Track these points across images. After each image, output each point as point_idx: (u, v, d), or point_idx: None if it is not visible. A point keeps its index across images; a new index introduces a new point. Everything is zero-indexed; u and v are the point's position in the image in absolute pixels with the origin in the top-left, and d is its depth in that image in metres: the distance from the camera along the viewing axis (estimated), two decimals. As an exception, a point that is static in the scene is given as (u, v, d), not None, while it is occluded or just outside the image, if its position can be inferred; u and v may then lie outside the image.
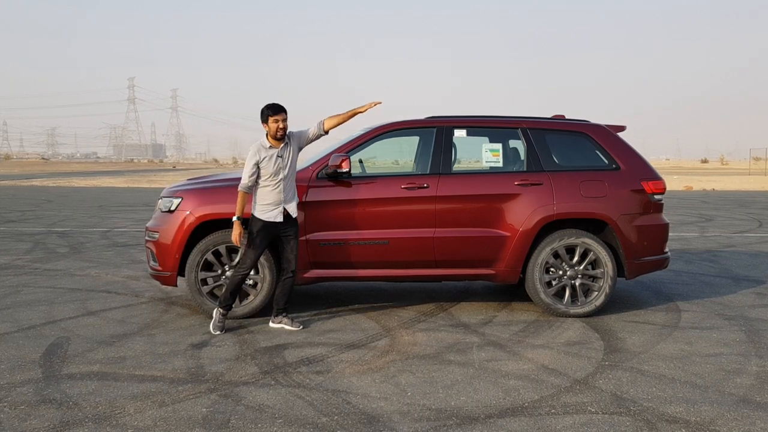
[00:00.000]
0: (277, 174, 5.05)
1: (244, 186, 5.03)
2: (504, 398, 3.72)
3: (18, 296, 6.32)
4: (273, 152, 5.05)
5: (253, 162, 5.01)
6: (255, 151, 5.03)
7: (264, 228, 5.06)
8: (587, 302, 5.59)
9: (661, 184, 5.82)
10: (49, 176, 43.05)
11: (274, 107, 5.08)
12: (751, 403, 3.66)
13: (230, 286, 5.13)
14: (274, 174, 5.03)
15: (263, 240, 5.09)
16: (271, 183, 5.04)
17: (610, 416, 3.47)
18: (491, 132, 6.04)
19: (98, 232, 11.83)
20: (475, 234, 5.55)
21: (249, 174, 5.01)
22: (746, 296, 6.50)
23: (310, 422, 3.37)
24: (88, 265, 8.11)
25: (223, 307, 5.11)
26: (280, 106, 5.09)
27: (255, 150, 5.04)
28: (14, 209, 16.71)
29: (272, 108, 5.07)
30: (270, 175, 5.03)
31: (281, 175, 5.07)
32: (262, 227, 5.06)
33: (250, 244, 5.08)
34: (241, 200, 5.02)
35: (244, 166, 5.11)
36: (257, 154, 5.02)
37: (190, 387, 3.86)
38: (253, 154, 5.03)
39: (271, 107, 5.08)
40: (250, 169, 5.01)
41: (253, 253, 5.08)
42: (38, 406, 3.56)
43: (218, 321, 5.07)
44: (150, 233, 5.65)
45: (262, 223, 5.05)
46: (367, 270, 5.57)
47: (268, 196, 5.06)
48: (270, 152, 5.04)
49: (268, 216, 5.05)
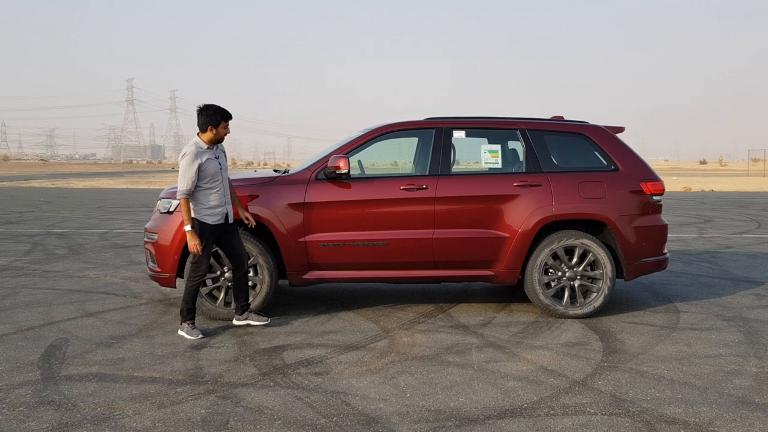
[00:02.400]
0: (218, 174, 4.93)
1: (187, 191, 4.81)
2: (503, 399, 3.72)
3: (17, 297, 6.32)
4: (211, 154, 4.92)
5: (195, 166, 4.79)
6: (194, 154, 4.81)
7: (212, 232, 4.94)
8: (586, 303, 5.59)
9: (659, 185, 5.83)
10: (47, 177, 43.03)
11: (228, 113, 4.95)
12: (750, 404, 3.66)
13: (187, 296, 4.97)
14: (215, 173, 4.90)
15: (210, 243, 4.97)
16: (213, 185, 4.90)
17: (609, 417, 3.47)
18: (490, 133, 6.04)
19: (97, 233, 11.83)
20: (474, 235, 5.55)
21: (192, 179, 4.79)
22: (745, 297, 6.50)
23: (309, 423, 3.36)
24: (86, 267, 8.10)
25: (188, 319, 4.96)
26: (230, 112, 4.99)
27: (194, 153, 4.81)
28: (13, 210, 16.69)
29: (227, 114, 4.94)
30: (211, 178, 4.88)
31: (221, 175, 4.96)
32: (211, 232, 4.93)
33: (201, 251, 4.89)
34: (185, 208, 4.82)
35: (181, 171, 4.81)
36: (198, 156, 4.83)
37: (189, 388, 3.86)
38: (194, 158, 4.80)
39: (227, 113, 4.94)
40: (193, 174, 4.78)
41: (206, 259, 4.95)
42: (37, 407, 3.55)
43: (190, 329, 4.93)
44: (149, 234, 5.65)
45: (210, 227, 4.92)
46: (366, 271, 5.57)
47: (212, 198, 4.90)
48: (209, 153, 4.90)
49: (215, 219, 4.93)
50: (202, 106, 4.96)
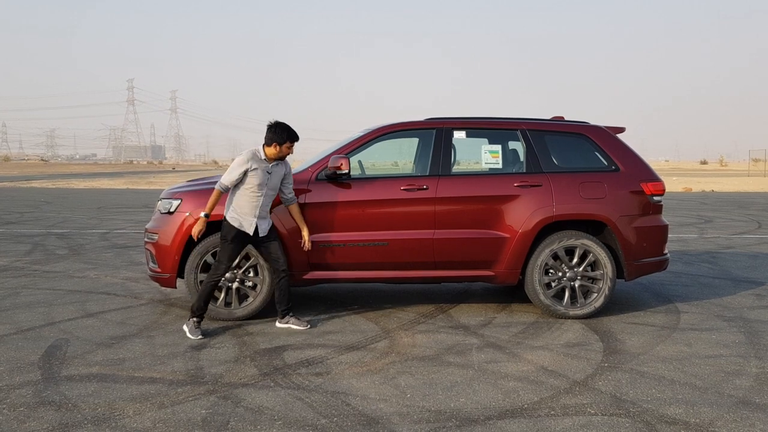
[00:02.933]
0: (261, 188, 5.00)
1: (224, 187, 4.99)
2: (503, 400, 3.72)
3: (17, 298, 6.32)
4: (264, 166, 5.01)
5: (243, 169, 4.93)
6: (248, 158, 4.96)
7: (238, 236, 5.00)
8: (587, 304, 5.59)
9: (660, 186, 5.83)
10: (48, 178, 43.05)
11: (295, 134, 5.06)
12: (751, 405, 3.66)
13: (203, 293, 5.02)
14: (258, 186, 4.98)
15: (237, 246, 5.03)
16: (252, 195, 4.98)
17: (610, 418, 3.47)
18: (490, 133, 6.05)
19: (97, 233, 11.83)
20: (475, 235, 5.55)
21: (234, 178, 4.95)
22: (745, 297, 6.50)
23: (310, 424, 3.36)
24: (87, 267, 8.10)
25: (197, 316, 5.00)
26: (297, 134, 5.09)
27: (249, 156, 4.97)
28: (13, 211, 16.70)
29: (294, 135, 5.05)
30: (253, 187, 4.97)
31: (263, 191, 5.02)
32: (236, 235, 5.00)
33: (224, 250, 5.00)
34: (215, 197, 4.97)
35: (230, 167, 5.00)
36: (250, 161, 4.95)
37: (190, 389, 3.86)
38: (246, 161, 4.95)
39: (294, 134, 5.05)
40: (238, 175, 4.94)
41: (227, 259, 5.01)
42: (37, 407, 3.55)
43: (194, 328, 4.95)
44: (149, 235, 5.65)
45: (235, 230, 4.99)
46: (367, 271, 5.57)
47: (245, 206, 4.99)
48: (263, 165, 5.00)
49: (240, 224, 4.99)
50: (274, 123, 5.07)
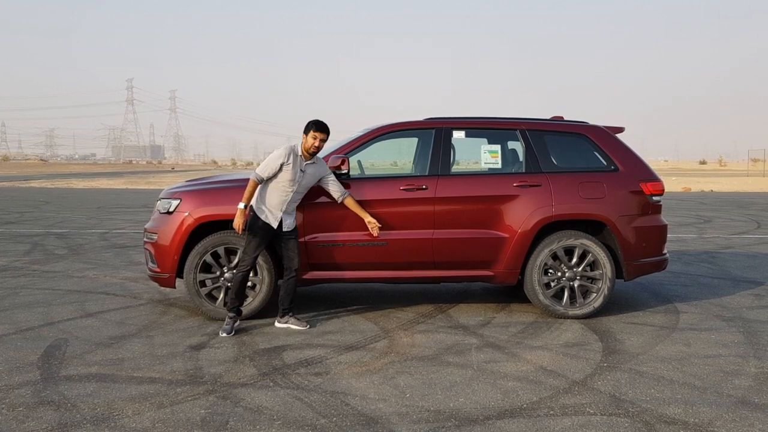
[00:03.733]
0: (292, 184, 5.05)
1: (259, 178, 5.03)
2: (502, 400, 3.72)
3: (16, 298, 6.32)
4: (299, 162, 5.07)
5: (280, 161, 5.00)
6: (287, 152, 5.02)
7: (263, 227, 5.07)
8: (586, 304, 5.59)
9: (659, 186, 5.83)
10: (47, 177, 43.03)
11: (320, 124, 5.10)
12: (750, 405, 3.67)
13: (233, 287, 5.12)
14: (290, 182, 5.04)
15: (263, 238, 5.09)
16: (282, 189, 5.05)
17: (609, 417, 3.47)
18: (490, 133, 6.05)
19: (97, 233, 11.83)
20: (474, 235, 5.55)
21: (271, 170, 5.01)
22: (744, 297, 6.50)
23: (309, 424, 3.36)
24: (86, 267, 8.10)
25: (232, 309, 5.10)
26: (327, 127, 5.12)
27: (288, 151, 5.03)
28: (13, 210, 16.69)
29: (318, 125, 5.08)
30: (284, 182, 5.03)
31: (294, 187, 5.08)
32: (262, 226, 5.06)
33: (249, 242, 5.08)
34: (251, 189, 5.02)
35: (267, 158, 5.06)
36: (288, 155, 5.01)
37: (189, 389, 3.86)
38: (284, 154, 5.01)
39: (318, 123, 5.10)
40: (275, 167, 5.00)
41: (252, 251, 5.07)
42: (36, 407, 3.55)
43: (226, 324, 5.06)
44: (149, 235, 5.65)
45: (261, 222, 5.06)
46: (366, 271, 5.57)
47: (274, 199, 5.06)
48: (298, 161, 5.06)
49: (265, 216, 5.06)
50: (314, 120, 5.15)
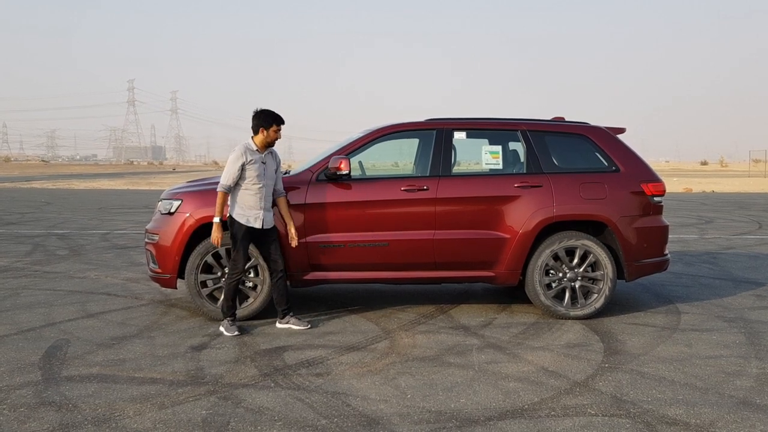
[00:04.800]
0: (260, 179, 5.04)
1: (226, 187, 5.01)
2: (504, 400, 3.72)
3: (17, 298, 6.32)
4: (258, 157, 5.06)
5: (239, 163, 4.98)
6: (241, 153, 5.00)
7: (248, 231, 5.06)
8: (587, 304, 5.59)
9: (660, 186, 5.83)
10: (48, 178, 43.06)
11: (280, 117, 5.10)
12: (751, 405, 3.66)
13: (227, 293, 5.12)
14: (257, 178, 5.02)
15: (248, 242, 5.10)
16: (253, 188, 5.03)
17: (610, 418, 3.47)
18: (491, 134, 6.05)
19: (98, 234, 11.83)
20: (475, 236, 5.55)
21: (234, 175, 4.99)
22: (746, 298, 6.50)
23: (310, 424, 3.36)
24: (87, 268, 8.10)
25: (228, 316, 5.11)
26: (282, 117, 5.13)
27: (241, 151, 5.01)
28: (14, 211, 16.70)
29: (279, 118, 5.09)
30: (252, 179, 5.02)
31: (263, 182, 5.06)
32: (246, 231, 5.05)
33: (237, 248, 5.06)
34: (221, 201, 5.00)
35: (226, 165, 5.03)
36: (243, 155, 5.00)
37: (190, 389, 3.86)
38: (239, 156, 4.99)
39: (279, 117, 5.10)
40: (236, 171, 4.98)
41: (242, 258, 5.07)
42: (38, 408, 3.55)
43: (229, 326, 5.07)
44: (150, 235, 5.66)
45: (244, 227, 5.04)
46: (367, 272, 5.57)
47: (249, 200, 5.04)
48: (256, 156, 5.05)
49: (248, 221, 5.04)
50: (258, 110, 5.11)
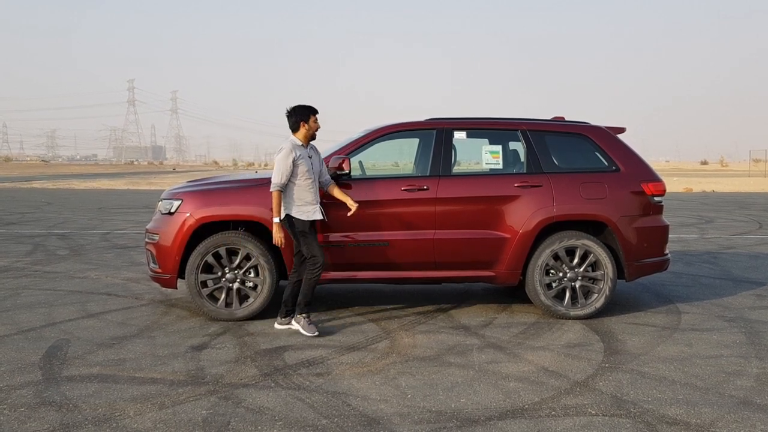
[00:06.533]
0: (311, 173, 5.05)
1: (281, 185, 4.96)
2: (504, 400, 3.72)
3: (18, 298, 6.32)
4: (305, 152, 5.07)
5: (290, 160, 4.95)
6: (290, 149, 4.98)
7: (310, 224, 5.04)
8: (587, 304, 5.59)
9: (661, 186, 5.83)
10: (48, 178, 43.06)
11: (314, 107, 5.13)
12: (752, 405, 3.66)
13: (307, 289, 5.05)
14: (308, 172, 5.02)
15: (314, 232, 5.09)
16: (306, 183, 5.02)
17: (610, 418, 3.47)
18: (491, 134, 6.05)
19: (98, 234, 11.84)
20: (475, 236, 5.55)
21: (287, 172, 4.95)
22: (746, 298, 6.50)
23: (310, 424, 3.36)
24: (88, 268, 8.11)
25: (304, 314, 5.06)
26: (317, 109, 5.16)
27: (290, 148, 4.99)
28: (14, 211, 16.71)
29: (313, 108, 5.12)
30: (304, 175, 5.00)
31: (314, 175, 5.08)
32: (311, 223, 5.04)
33: (308, 242, 5.01)
34: (278, 200, 4.97)
35: (276, 164, 4.98)
36: (293, 152, 4.98)
37: (190, 389, 3.86)
38: (289, 153, 4.97)
39: (312, 107, 5.12)
40: (288, 167, 4.95)
41: (317, 247, 5.03)
42: (38, 408, 3.55)
43: (307, 324, 5.04)
44: (150, 235, 5.66)
45: (308, 223, 5.02)
46: (367, 272, 5.57)
47: (305, 195, 5.03)
48: (303, 151, 5.05)
49: (308, 215, 5.02)
50: (291, 109, 5.12)
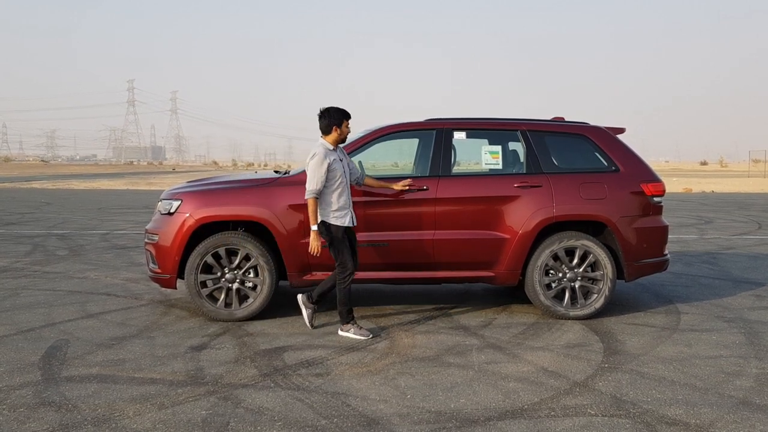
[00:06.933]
0: (344, 177, 4.96)
1: (316, 191, 4.84)
2: (503, 401, 3.72)
3: (17, 299, 6.32)
4: (336, 156, 4.97)
5: (326, 166, 4.82)
6: (324, 155, 4.85)
7: (344, 231, 4.95)
8: (587, 304, 5.59)
9: (660, 186, 5.83)
10: (48, 178, 43.04)
11: (348, 112, 5.03)
12: (751, 406, 3.66)
13: (343, 298, 4.98)
14: (342, 176, 4.93)
15: (347, 240, 4.99)
16: (340, 187, 4.92)
17: (610, 419, 3.47)
18: (491, 134, 6.05)
19: (98, 234, 11.83)
20: (475, 236, 5.55)
21: (322, 178, 4.83)
22: (745, 298, 6.50)
23: (310, 425, 3.36)
24: (87, 268, 8.10)
25: (350, 322, 5.02)
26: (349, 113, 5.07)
27: (324, 153, 4.86)
28: (14, 211, 16.70)
29: (347, 113, 5.02)
30: (337, 179, 4.90)
31: (347, 179, 5.00)
32: (343, 231, 4.95)
33: (340, 250, 4.93)
34: (314, 207, 4.86)
35: (311, 170, 4.85)
36: (327, 156, 4.87)
37: (190, 389, 3.86)
38: (324, 158, 4.84)
39: (346, 111, 5.02)
40: (323, 173, 4.82)
41: (349, 255, 4.95)
42: (37, 408, 3.55)
43: (358, 329, 4.99)
44: (149, 236, 5.65)
45: (342, 229, 4.93)
46: (367, 272, 5.57)
47: (340, 200, 4.92)
48: (334, 155, 4.95)
49: (343, 221, 4.94)
50: (324, 110, 5.01)
